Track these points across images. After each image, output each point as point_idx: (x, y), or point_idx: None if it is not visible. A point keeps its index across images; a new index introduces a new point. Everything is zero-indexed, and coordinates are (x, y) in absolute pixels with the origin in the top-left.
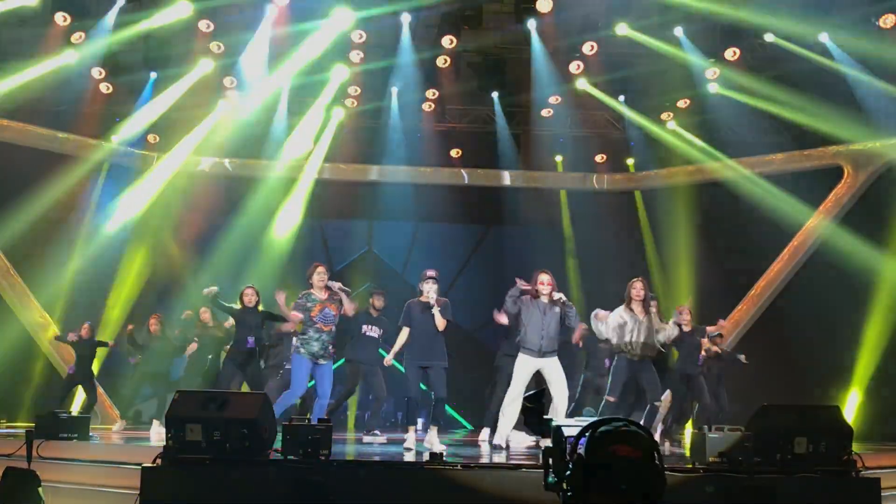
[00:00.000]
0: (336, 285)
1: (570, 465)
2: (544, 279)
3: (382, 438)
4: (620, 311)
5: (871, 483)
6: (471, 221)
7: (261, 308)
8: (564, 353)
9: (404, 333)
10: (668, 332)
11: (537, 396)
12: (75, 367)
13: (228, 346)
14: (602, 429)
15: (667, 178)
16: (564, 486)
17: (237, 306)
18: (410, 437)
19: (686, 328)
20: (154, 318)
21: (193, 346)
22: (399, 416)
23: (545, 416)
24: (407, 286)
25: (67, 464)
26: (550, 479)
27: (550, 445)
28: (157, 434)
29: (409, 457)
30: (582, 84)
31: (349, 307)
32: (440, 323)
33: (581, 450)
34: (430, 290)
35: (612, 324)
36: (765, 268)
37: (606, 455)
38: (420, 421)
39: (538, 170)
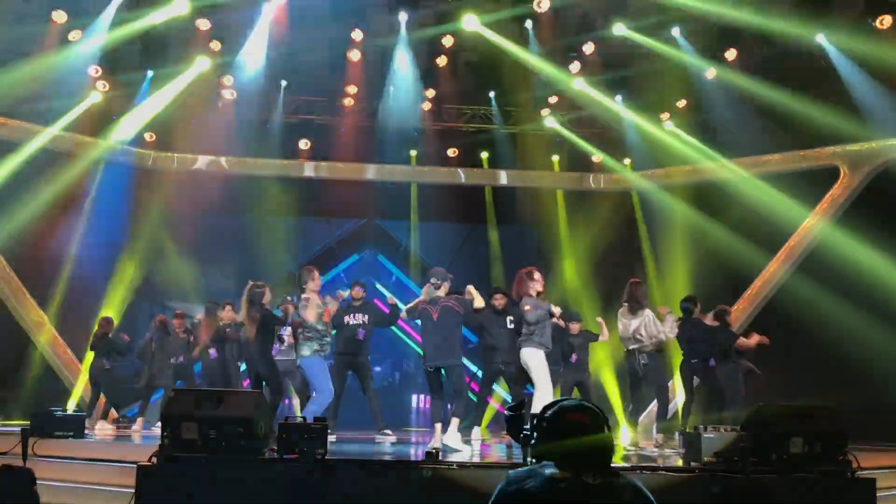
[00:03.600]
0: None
1: (533, 424)
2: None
3: (393, 438)
4: (625, 311)
5: (867, 483)
6: (465, 220)
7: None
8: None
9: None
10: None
11: (518, 406)
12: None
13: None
14: (561, 402)
15: (664, 178)
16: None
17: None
18: (436, 434)
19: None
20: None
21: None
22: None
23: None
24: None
25: (63, 462)
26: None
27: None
28: (138, 432)
29: (390, 456)
30: (580, 84)
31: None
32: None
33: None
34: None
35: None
36: (761, 267)
37: (561, 418)
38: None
39: (536, 169)
